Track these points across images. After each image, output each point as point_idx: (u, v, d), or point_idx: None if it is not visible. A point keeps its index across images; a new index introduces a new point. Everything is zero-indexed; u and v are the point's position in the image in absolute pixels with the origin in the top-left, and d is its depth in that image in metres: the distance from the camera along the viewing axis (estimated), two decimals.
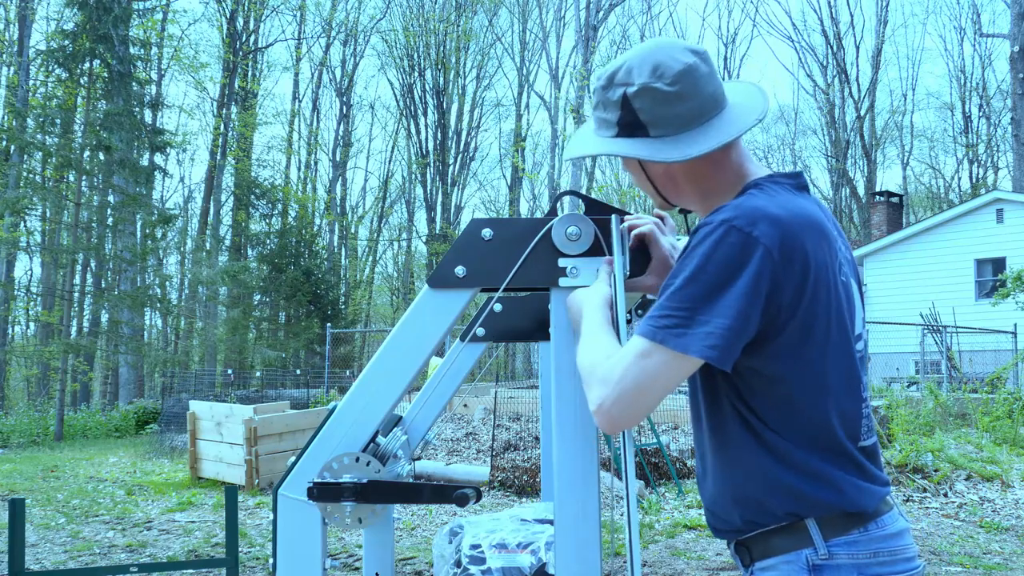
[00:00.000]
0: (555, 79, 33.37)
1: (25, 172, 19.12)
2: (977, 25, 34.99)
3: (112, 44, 17.97)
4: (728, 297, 1.17)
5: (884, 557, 1.25)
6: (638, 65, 1.33)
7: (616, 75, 1.34)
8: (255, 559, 5.59)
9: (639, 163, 1.38)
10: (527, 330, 2.10)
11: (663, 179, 1.39)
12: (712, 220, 1.22)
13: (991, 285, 19.05)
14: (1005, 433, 9.25)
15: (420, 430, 2.04)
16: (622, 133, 1.36)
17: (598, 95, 1.38)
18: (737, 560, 1.38)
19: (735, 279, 1.17)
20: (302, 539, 1.39)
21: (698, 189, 1.38)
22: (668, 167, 1.36)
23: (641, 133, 1.34)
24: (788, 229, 1.21)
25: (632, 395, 1.19)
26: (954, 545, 5.71)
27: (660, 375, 1.19)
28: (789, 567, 1.26)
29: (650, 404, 1.21)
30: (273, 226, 29.59)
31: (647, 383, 1.19)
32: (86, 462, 11.40)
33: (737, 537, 1.34)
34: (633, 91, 1.31)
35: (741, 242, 1.18)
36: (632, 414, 1.20)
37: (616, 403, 1.18)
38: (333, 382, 17.22)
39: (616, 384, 1.18)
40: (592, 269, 1.38)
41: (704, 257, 1.19)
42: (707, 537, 6.00)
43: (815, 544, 1.25)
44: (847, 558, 1.24)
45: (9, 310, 20.84)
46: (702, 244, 1.20)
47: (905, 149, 37.65)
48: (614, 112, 1.35)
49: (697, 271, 1.19)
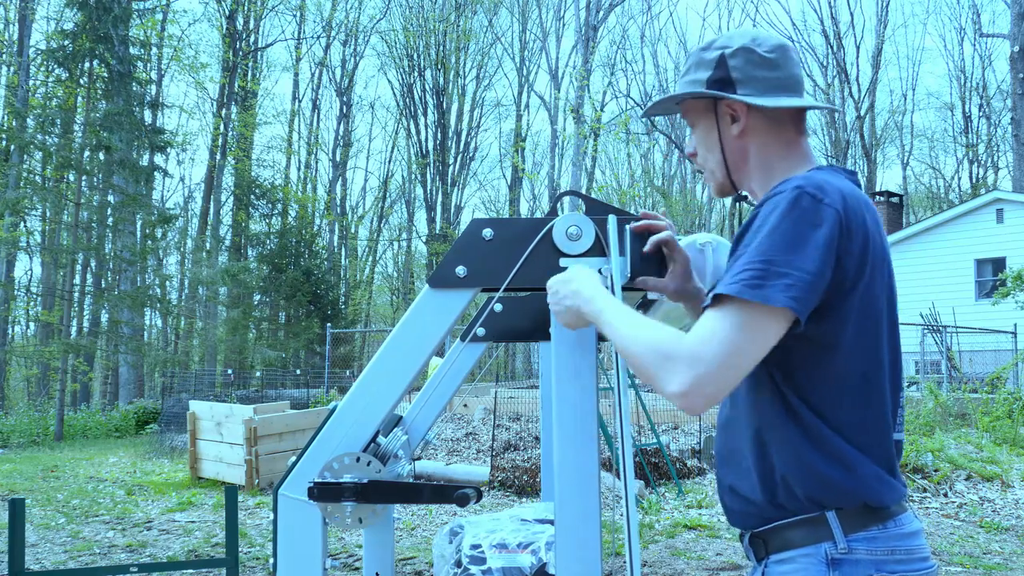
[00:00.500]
0: (555, 79, 33.38)
1: (25, 172, 19.12)
2: (977, 25, 34.99)
3: (112, 44, 17.97)
4: (804, 252, 1.18)
5: (901, 555, 1.26)
6: (738, 35, 1.42)
7: (716, 41, 1.42)
8: (255, 559, 5.59)
9: (717, 131, 1.41)
10: (527, 330, 2.10)
11: (735, 148, 1.42)
12: (782, 188, 1.25)
13: (991, 285, 19.05)
14: (1005, 433, 9.25)
15: (420, 430, 2.04)
16: (711, 88, 1.40)
17: (693, 56, 1.43)
18: (750, 552, 1.37)
19: (809, 237, 1.19)
20: (302, 539, 1.39)
21: (764, 164, 1.41)
22: (745, 134, 1.40)
23: (729, 90, 1.39)
24: (852, 205, 1.24)
25: (728, 365, 1.16)
26: (954, 545, 5.71)
27: (751, 335, 1.17)
28: (808, 560, 1.26)
29: (744, 371, 1.19)
30: (273, 226, 29.58)
31: (743, 346, 1.17)
32: (86, 462, 11.40)
33: (755, 526, 1.34)
34: (732, 51, 1.39)
35: (813, 206, 1.21)
36: (727, 387, 1.18)
37: (713, 379, 1.16)
38: (333, 382, 17.22)
39: (710, 360, 1.16)
40: (594, 269, 1.38)
41: (779, 217, 1.21)
42: (707, 537, 6.00)
43: (835, 538, 1.25)
44: (866, 554, 1.24)
45: (9, 310, 20.84)
46: (775, 209, 1.22)
47: (905, 149, 37.68)
48: (706, 71, 1.40)
49: (772, 230, 1.20)
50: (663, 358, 1.19)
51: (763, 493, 1.30)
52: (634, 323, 1.27)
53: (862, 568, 1.24)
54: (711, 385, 1.16)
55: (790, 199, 1.22)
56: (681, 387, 1.16)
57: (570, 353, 1.35)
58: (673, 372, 1.17)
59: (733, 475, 1.37)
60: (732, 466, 1.38)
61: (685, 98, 1.44)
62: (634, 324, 1.26)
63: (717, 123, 1.41)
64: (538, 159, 38.10)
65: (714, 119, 1.42)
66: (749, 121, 1.39)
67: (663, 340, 1.20)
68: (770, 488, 1.30)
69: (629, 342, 1.25)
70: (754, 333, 1.17)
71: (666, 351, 1.19)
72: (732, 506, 1.39)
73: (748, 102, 1.37)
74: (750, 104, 1.37)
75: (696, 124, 1.45)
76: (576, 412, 1.35)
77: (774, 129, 1.40)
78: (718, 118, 1.41)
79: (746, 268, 1.19)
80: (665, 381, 1.18)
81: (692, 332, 1.20)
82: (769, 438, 1.30)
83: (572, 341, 1.36)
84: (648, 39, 36.64)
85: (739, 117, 1.39)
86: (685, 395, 1.16)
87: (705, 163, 1.46)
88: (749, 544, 1.37)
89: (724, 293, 1.18)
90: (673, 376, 1.17)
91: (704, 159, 1.46)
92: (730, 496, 1.39)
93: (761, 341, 1.18)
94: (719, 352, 1.16)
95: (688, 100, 1.46)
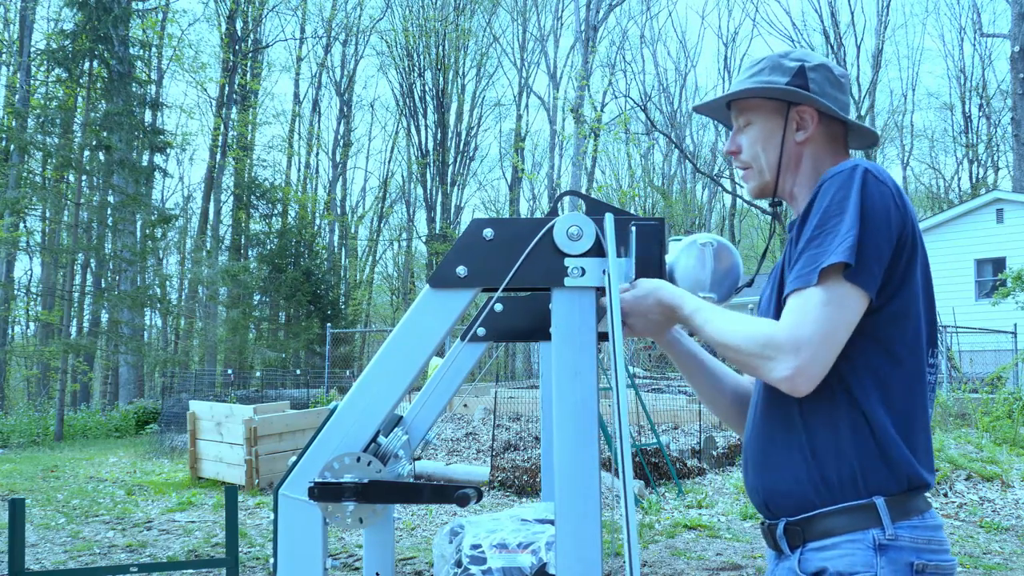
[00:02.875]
0: (554, 79, 33.37)
1: (25, 172, 19.12)
2: (977, 25, 34.98)
3: (112, 44, 17.97)
4: (865, 217, 1.25)
5: (935, 546, 1.30)
6: (815, 54, 1.51)
7: (792, 52, 1.50)
8: (255, 559, 5.59)
9: (782, 132, 1.47)
10: (527, 330, 2.10)
11: (793, 153, 1.48)
12: (841, 168, 1.31)
13: (991, 285, 19.06)
14: (1005, 433, 9.25)
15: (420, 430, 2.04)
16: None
17: (769, 61, 1.49)
18: (783, 542, 1.37)
19: (870, 205, 1.26)
20: (303, 539, 1.39)
21: (813, 172, 1.48)
22: (807, 142, 1.47)
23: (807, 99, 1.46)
24: (899, 188, 1.33)
25: (827, 343, 1.23)
26: (954, 545, 5.71)
27: (840, 310, 1.23)
28: (854, 546, 1.28)
29: (840, 345, 1.25)
30: (273, 226, 29.55)
31: (836, 321, 1.23)
32: (86, 462, 11.40)
33: (792, 515, 1.35)
34: (811, 64, 1.47)
35: (873, 180, 1.29)
36: (828, 364, 1.24)
37: (816, 359, 1.22)
38: (333, 382, 17.21)
39: (811, 342, 1.22)
40: (598, 269, 1.38)
41: (839, 188, 1.28)
42: (707, 537, 6.00)
43: (883, 524, 1.27)
44: (909, 541, 1.28)
45: (9, 310, 20.82)
46: (833, 185, 1.29)
47: (905, 149, 37.67)
48: (784, 76, 1.46)
49: (832, 203, 1.28)
50: (763, 346, 1.25)
51: (808, 480, 1.32)
52: (728, 318, 1.32)
53: (905, 555, 1.27)
54: (816, 365, 1.23)
55: (848, 174, 1.29)
56: (787, 371, 1.23)
57: (570, 353, 1.35)
58: (777, 360, 1.24)
59: (774, 470, 1.39)
60: (772, 462, 1.39)
61: (765, 95, 1.48)
62: (728, 319, 1.32)
63: (784, 125, 1.47)
64: (538, 159, 38.13)
65: (782, 121, 1.47)
66: (816, 130, 1.46)
67: (761, 330, 1.27)
68: (815, 475, 1.32)
69: (728, 336, 1.30)
70: (841, 307, 1.23)
71: (765, 340, 1.25)
72: (771, 501, 1.40)
73: (831, 107, 1.44)
74: (823, 115, 1.45)
75: (755, 122, 1.50)
76: (576, 412, 1.34)
77: (830, 143, 1.48)
78: (787, 121, 1.47)
79: (813, 240, 1.27)
80: (770, 368, 1.25)
81: (785, 317, 1.26)
82: (815, 423, 1.33)
83: (572, 341, 1.36)
84: (648, 39, 36.62)
85: (807, 125, 1.46)
86: (792, 379, 1.23)
87: (754, 161, 1.51)
88: (783, 534, 1.37)
89: (815, 271, 1.24)
90: (777, 363, 1.24)
91: (754, 157, 1.50)
92: (768, 493, 1.40)
93: (849, 313, 1.24)
94: (816, 331, 1.22)
95: (754, 100, 1.50)
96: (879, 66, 33.25)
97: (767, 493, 1.41)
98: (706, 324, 1.34)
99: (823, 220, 1.28)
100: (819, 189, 1.32)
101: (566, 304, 1.39)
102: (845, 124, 1.49)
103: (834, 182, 1.30)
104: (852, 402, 1.30)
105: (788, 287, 1.29)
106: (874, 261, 1.24)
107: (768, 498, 1.40)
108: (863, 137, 1.53)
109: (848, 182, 1.28)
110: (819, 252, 1.25)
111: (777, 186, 1.50)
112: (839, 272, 1.24)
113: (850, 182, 1.28)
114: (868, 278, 1.24)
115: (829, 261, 1.23)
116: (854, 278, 1.23)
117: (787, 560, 1.36)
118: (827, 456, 1.31)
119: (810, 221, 1.30)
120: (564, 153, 31.70)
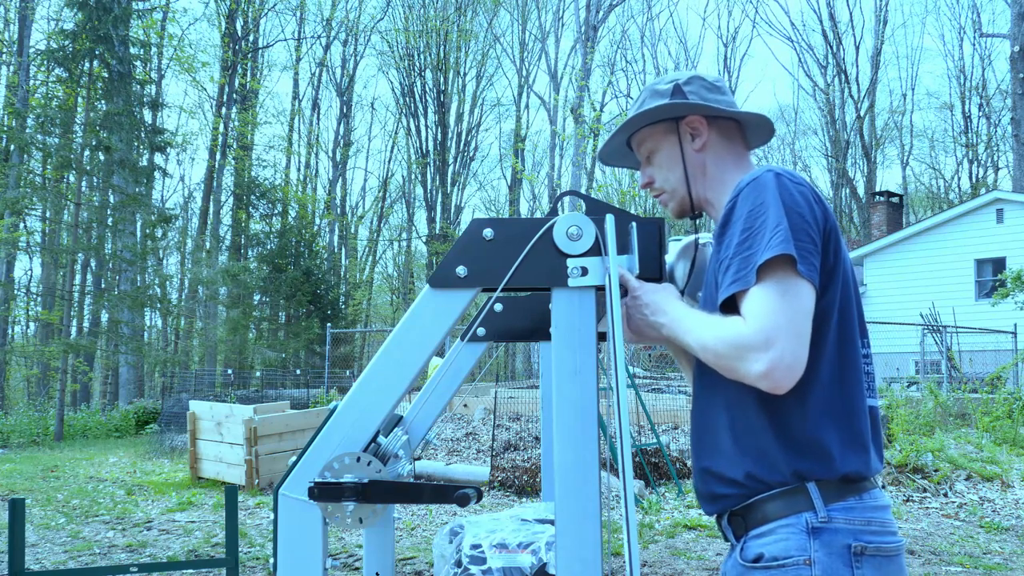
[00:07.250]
0: (554, 79, 33.37)
1: (25, 172, 19.12)
2: (977, 25, 35.00)
3: (112, 44, 17.96)
4: (789, 213, 1.26)
5: (876, 527, 1.30)
6: (684, 72, 1.58)
7: (664, 77, 1.57)
8: (255, 559, 5.59)
9: (679, 148, 1.52)
10: (527, 330, 2.10)
11: (695, 162, 1.52)
12: (754, 175, 1.33)
13: (991, 285, 19.05)
14: (1005, 433, 9.26)
15: (420, 430, 2.04)
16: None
17: (646, 91, 1.56)
18: (729, 532, 1.39)
19: (792, 202, 1.27)
20: (303, 539, 1.39)
21: (720, 174, 1.52)
22: (705, 147, 1.52)
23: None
24: (814, 187, 1.34)
25: (794, 331, 1.22)
26: (954, 545, 5.71)
27: (796, 298, 1.23)
28: (788, 530, 1.28)
29: (808, 332, 1.24)
30: (273, 226, 29.55)
31: (796, 308, 1.23)
32: (86, 462, 11.40)
33: (732, 505, 1.36)
34: (684, 79, 1.53)
35: (788, 180, 1.30)
36: (802, 353, 1.23)
37: (787, 350, 1.21)
38: (333, 382, 17.21)
39: (777, 335, 1.21)
40: (601, 269, 1.38)
41: (758, 193, 1.29)
42: (707, 537, 6.00)
43: (815, 507, 1.28)
44: (844, 523, 1.28)
45: (9, 310, 20.82)
46: (752, 191, 1.30)
47: (905, 149, 37.68)
48: (662, 98, 1.52)
49: (754, 207, 1.29)
50: (735, 348, 1.24)
51: (741, 470, 1.33)
52: (702, 323, 1.32)
53: (841, 537, 1.27)
54: (788, 355, 1.21)
55: (764, 180, 1.30)
56: (762, 368, 1.21)
57: (570, 352, 1.35)
58: (749, 359, 1.22)
59: (708, 458, 1.40)
60: (707, 448, 1.41)
61: (649, 121, 1.54)
62: (703, 324, 1.31)
63: (679, 140, 1.52)
64: (538, 159, 38.13)
65: (676, 138, 1.53)
66: (709, 135, 1.51)
67: (729, 332, 1.25)
68: (748, 464, 1.32)
69: (706, 342, 1.30)
70: (797, 296, 1.23)
71: (736, 341, 1.24)
72: (710, 489, 1.41)
73: (716, 106, 1.49)
74: (709, 117, 1.51)
75: (656, 150, 1.56)
76: (576, 412, 1.34)
77: (727, 143, 1.53)
78: (680, 136, 1.52)
79: (745, 241, 1.27)
80: (747, 369, 1.23)
81: (747, 315, 1.25)
82: (746, 414, 1.33)
83: (572, 341, 1.36)
84: (648, 39, 36.62)
85: (700, 132, 1.51)
86: (768, 374, 1.21)
87: (665, 184, 1.55)
88: (728, 524, 1.39)
89: (755, 273, 1.24)
90: (752, 363, 1.22)
91: (664, 180, 1.55)
92: (706, 479, 1.41)
93: (805, 300, 1.24)
94: (779, 323, 1.21)
95: (645, 130, 1.56)
96: (879, 66, 33.28)
97: (703, 494, 1.43)
98: (686, 335, 1.34)
99: (749, 223, 1.28)
100: (737, 197, 1.32)
101: (566, 304, 1.38)
102: (736, 121, 1.53)
103: (751, 188, 1.30)
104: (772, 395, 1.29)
105: (727, 290, 1.28)
106: (810, 253, 1.25)
107: (704, 497, 1.43)
108: (760, 129, 1.55)
109: (764, 185, 1.29)
110: (753, 252, 1.25)
111: (692, 199, 1.54)
112: (784, 264, 1.24)
113: (766, 185, 1.29)
114: (810, 268, 1.25)
115: (766, 256, 1.23)
116: (799, 267, 1.23)
117: (734, 551, 1.38)
118: (759, 446, 1.31)
119: (734, 226, 1.30)
120: (564, 153, 31.70)
